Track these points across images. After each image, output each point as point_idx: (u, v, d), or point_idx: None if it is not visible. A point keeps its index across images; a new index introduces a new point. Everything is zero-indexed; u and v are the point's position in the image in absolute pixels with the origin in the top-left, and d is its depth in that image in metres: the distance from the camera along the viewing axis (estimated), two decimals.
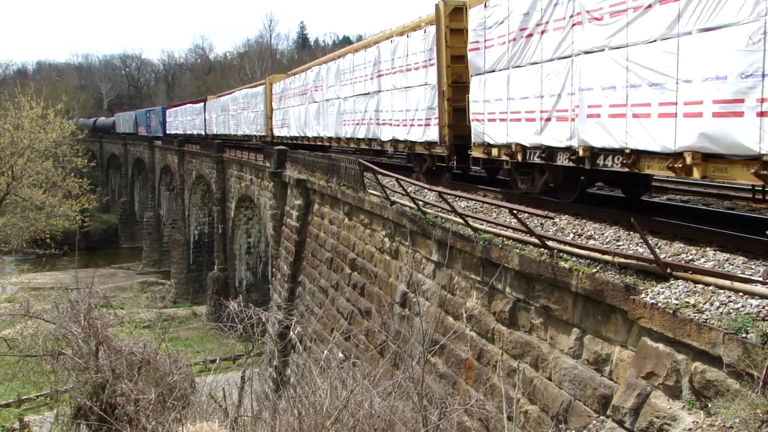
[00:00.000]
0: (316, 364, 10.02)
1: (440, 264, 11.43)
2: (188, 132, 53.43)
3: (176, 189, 53.09)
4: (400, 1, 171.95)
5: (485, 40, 11.77)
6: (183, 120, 55.51)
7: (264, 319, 12.32)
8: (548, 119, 9.99)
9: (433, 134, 14.50)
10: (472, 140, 12.66)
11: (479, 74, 12.11)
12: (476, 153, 12.66)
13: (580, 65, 9.11)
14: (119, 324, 14.68)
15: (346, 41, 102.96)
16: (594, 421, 6.92)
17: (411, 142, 15.84)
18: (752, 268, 6.46)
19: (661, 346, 6.18)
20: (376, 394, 8.05)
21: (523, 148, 10.92)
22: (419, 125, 15.12)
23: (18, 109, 27.91)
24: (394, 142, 17.07)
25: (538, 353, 8.37)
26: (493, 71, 11.57)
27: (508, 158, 11.48)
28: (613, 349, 7.13)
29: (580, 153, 9.26)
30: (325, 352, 11.07)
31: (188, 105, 55.73)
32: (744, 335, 5.26)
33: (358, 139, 19.93)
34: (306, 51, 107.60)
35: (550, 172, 10.87)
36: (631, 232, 8.45)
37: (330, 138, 22.89)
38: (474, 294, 10.22)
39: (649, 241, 6.96)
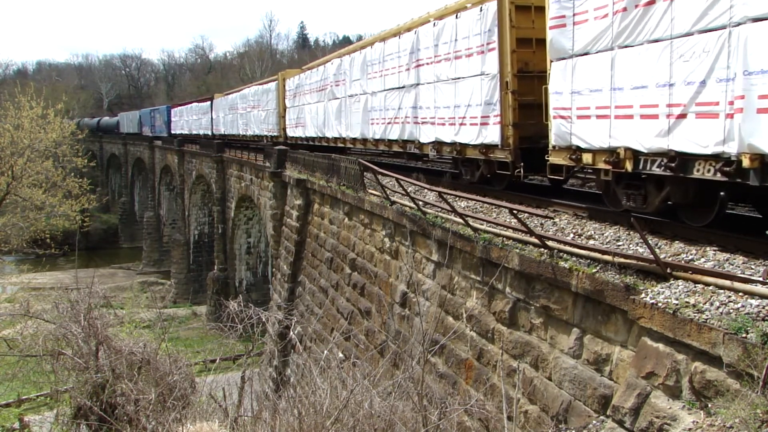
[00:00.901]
0: (316, 364, 10.02)
1: (440, 264, 11.43)
2: (194, 132, 51.08)
3: (176, 189, 53.08)
4: (400, 2, 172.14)
5: (575, 15, 9.32)
6: (188, 119, 53.21)
7: (264, 319, 12.31)
8: (682, 116, 7.53)
9: (492, 135, 12.03)
10: (552, 142, 10.06)
11: (565, 58, 9.54)
12: (557, 159, 10.03)
13: (747, 39, 6.58)
14: (119, 324, 14.67)
15: (346, 41, 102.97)
16: (594, 421, 6.93)
17: (461, 144, 13.35)
18: (752, 268, 6.47)
19: (661, 346, 6.18)
20: (376, 394, 8.05)
21: (635, 155, 8.36)
22: (473, 124, 12.59)
23: (18, 109, 27.93)
24: (438, 144, 14.49)
25: (538, 353, 8.37)
26: (587, 54, 9.05)
27: (609, 167, 8.79)
28: (613, 349, 7.13)
29: (745, 163, 6.69)
30: (325, 352, 11.08)
31: (194, 104, 53.12)
32: (744, 335, 5.27)
33: (389, 140, 17.22)
34: (306, 51, 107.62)
35: (675, 187, 8.24)
36: (631, 232, 8.46)
37: (354, 139, 20.25)
38: (474, 294, 10.22)
39: (649, 241, 6.97)
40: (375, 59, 17.80)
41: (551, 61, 9.98)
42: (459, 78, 13.05)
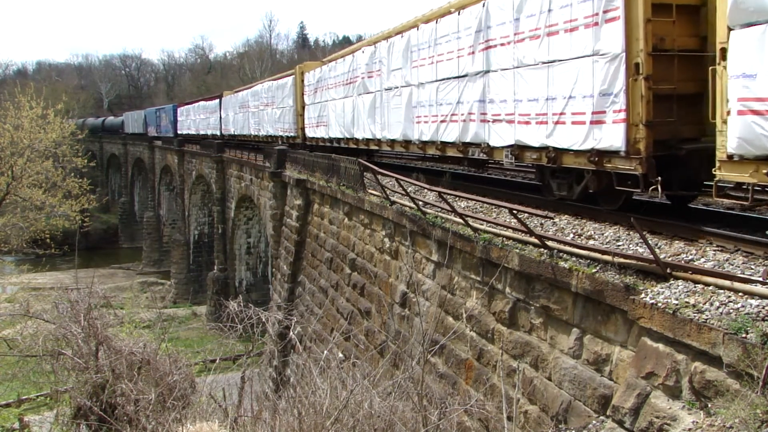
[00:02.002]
0: (316, 364, 10.03)
1: (440, 264, 11.43)
2: (201, 132, 48.05)
3: (176, 189, 53.11)
4: (400, 2, 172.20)
5: None
6: (196, 119, 50.06)
7: (264, 319, 12.32)
8: None
9: (610, 137, 8.74)
10: (729, 149, 7.03)
11: (762, 23, 6.53)
12: (740, 174, 7.06)
13: None
14: (119, 324, 14.68)
15: (346, 41, 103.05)
16: (594, 421, 6.93)
17: (556, 149, 9.97)
18: (752, 268, 6.46)
19: (661, 346, 6.18)
20: (376, 394, 8.05)
21: None
22: (577, 123, 9.36)
23: (18, 109, 27.93)
24: (517, 148, 11.06)
25: (538, 353, 8.38)
26: None
27: None
28: (613, 349, 7.14)
29: None
30: (325, 352, 11.08)
31: (201, 102, 49.83)
32: (744, 335, 5.27)
33: (443, 143, 13.80)
34: (306, 51, 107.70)
35: None
36: (631, 232, 8.45)
37: (393, 141, 16.82)
38: (474, 294, 10.22)
39: (649, 241, 6.97)
40: (423, 43, 14.33)
41: (732, 29, 6.95)
42: (554, 61, 9.82)
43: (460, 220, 10.51)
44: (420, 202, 12.18)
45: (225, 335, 12.21)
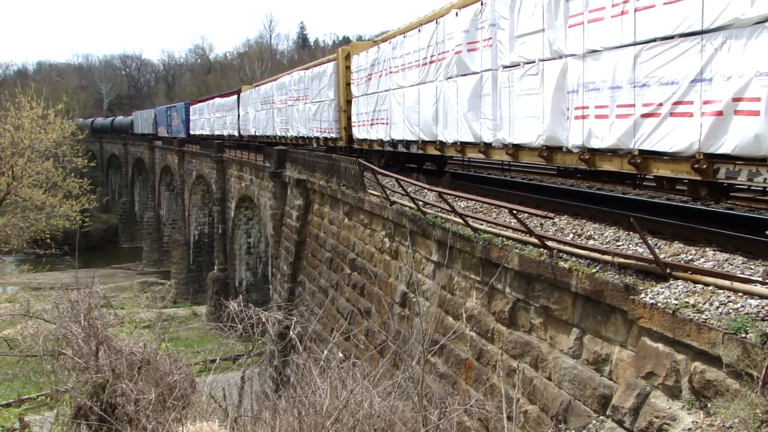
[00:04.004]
0: (316, 364, 10.03)
1: (440, 264, 11.43)
2: (217, 133, 43.55)
3: (176, 189, 53.11)
4: (399, 2, 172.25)
5: None
6: (210, 118, 45.63)
7: (264, 319, 12.31)
8: None
9: None
10: None
11: None
12: None
13: None
14: (119, 324, 14.68)
15: (346, 41, 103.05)
16: (594, 421, 6.93)
17: None
18: (752, 268, 6.46)
19: (660, 346, 6.18)
20: (376, 394, 8.05)
21: None
22: None
23: (18, 109, 27.91)
24: None
25: (538, 353, 8.38)
26: None
27: None
28: (612, 349, 7.14)
29: None
30: (325, 352, 11.08)
31: (217, 99, 44.82)
32: (743, 335, 5.27)
33: (644, 153, 7.95)
34: (306, 51, 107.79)
35: None
36: (630, 232, 8.45)
37: (516, 147, 10.88)
38: (474, 294, 10.22)
39: (649, 241, 6.97)
40: None
41: None
42: None
43: (460, 220, 10.51)
44: (420, 202, 12.18)
45: (225, 335, 12.20)
